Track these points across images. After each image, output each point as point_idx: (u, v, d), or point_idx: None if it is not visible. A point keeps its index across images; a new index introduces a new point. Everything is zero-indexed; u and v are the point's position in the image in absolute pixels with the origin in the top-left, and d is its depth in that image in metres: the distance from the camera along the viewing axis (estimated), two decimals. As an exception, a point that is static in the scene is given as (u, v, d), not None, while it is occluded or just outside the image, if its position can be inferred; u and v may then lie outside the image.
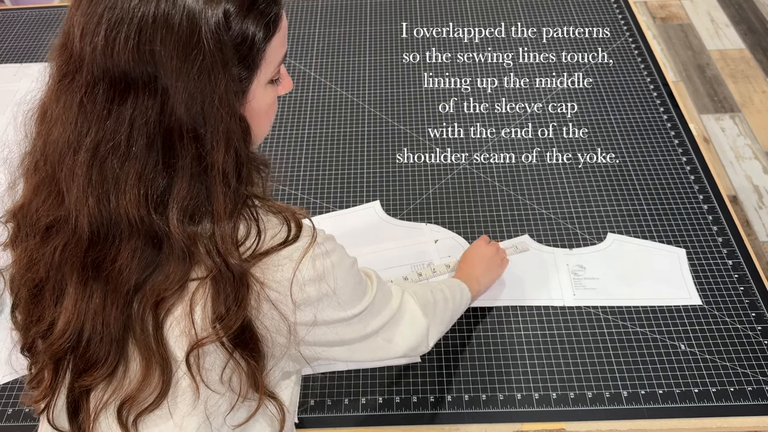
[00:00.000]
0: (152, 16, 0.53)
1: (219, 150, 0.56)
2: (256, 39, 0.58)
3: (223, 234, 0.57)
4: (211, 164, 0.56)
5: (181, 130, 0.55)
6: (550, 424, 0.90)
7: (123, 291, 0.57)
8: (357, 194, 1.22)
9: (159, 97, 0.54)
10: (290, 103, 1.41)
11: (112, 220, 0.56)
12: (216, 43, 0.54)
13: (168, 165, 0.55)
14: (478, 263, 1.01)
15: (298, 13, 1.65)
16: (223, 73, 0.55)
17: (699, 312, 1.02)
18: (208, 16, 0.54)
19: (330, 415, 0.92)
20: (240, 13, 0.56)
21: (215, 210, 0.57)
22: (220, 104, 0.56)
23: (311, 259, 0.61)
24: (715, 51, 2.55)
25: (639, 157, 1.26)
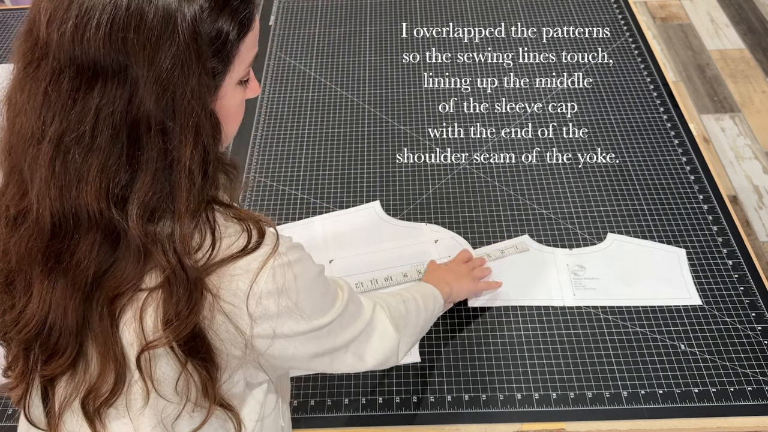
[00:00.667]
0: (126, 3, 0.52)
1: (187, 145, 0.55)
2: (230, 35, 0.57)
3: (182, 234, 0.56)
4: (177, 159, 0.55)
5: (149, 122, 0.53)
6: (550, 424, 0.90)
7: (81, 284, 0.56)
8: (357, 194, 1.22)
9: (128, 87, 0.52)
10: (290, 103, 1.41)
11: (73, 212, 0.55)
12: (191, 33, 0.53)
13: (132, 158, 0.54)
14: (445, 269, 1.02)
15: (298, 13, 1.65)
16: (197, 65, 0.54)
17: (699, 312, 1.02)
18: (184, 7, 0.53)
19: (330, 415, 0.92)
20: (216, 8, 0.56)
21: (177, 208, 0.55)
22: (192, 97, 0.54)
23: (271, 270, 0.59)
24: (715, 51, 2.55)
25: (639, 157, 1.26)
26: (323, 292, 0.66)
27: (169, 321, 0.56)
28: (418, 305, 0.84)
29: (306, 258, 0.64)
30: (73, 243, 0.56)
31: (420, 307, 0.84)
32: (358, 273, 1.09)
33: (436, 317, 0.91)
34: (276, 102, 1.41)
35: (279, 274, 0.59)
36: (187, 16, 0.53)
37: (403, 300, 0.82)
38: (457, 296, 0.99)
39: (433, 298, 0.90)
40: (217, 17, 0.55)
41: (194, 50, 0.54)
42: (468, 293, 1.02)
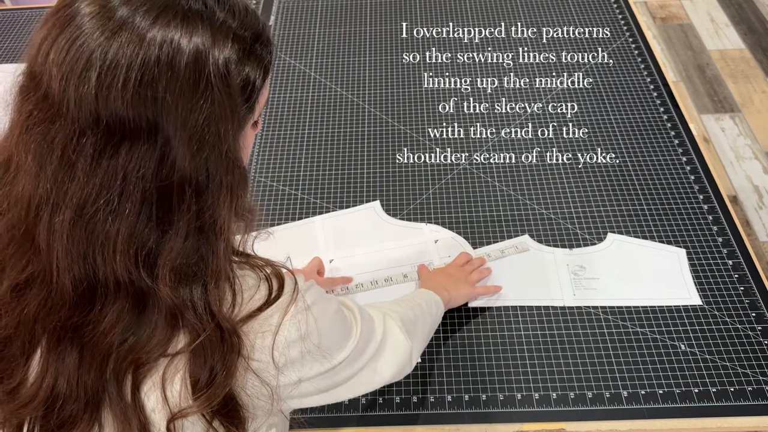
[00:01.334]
0: (155, 58, 0.48)
1: (224, 204, 0.52)
2: (255, 83, 0.55)
3: (217, 295, 0.53)
4: (213, 219, 0.52)
5: (182, 183, 0.50)
6: (550, 424, 0.90)
7: (100, 355, 0.52)
8: (357, 194, 1.22)
9: (159, 147, 0.49)
10: (290, 103, 1.41)
11: (99, 280, 0.51)
12: (224, 85, 0.51)
13: (163, 220, 0.51)
14: (442, 274, 1.01)
15: (298, 13, 1.65)
16: (231, 120, 0.52)
17: (699, 312, 1.02)
18: (216, 57, 0.50)
19: (330, 415, 0.92)
20: (243, 56, 0.53)
21: (213, 269, 0.52)
22: (227, 156, 0.51)
23: (292, 318, 0.57)
24: (715, 51, 2.55)
25: (639, 157, 1.26)
26: (341, 326, 0.64)
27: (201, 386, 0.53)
28: (423, 310, 0.84)
29: (322, 296, 0.62)
30: (97, 313, 0.52)
31: (425, 312, 0.84)
32: (357, 273, 1.08)
33: (439, 320, 0.91)
34: (276, 102, 1.41)
35: (301, 321, 0.58)
36: (221, 68, 0.51)
37: (410, 306, 0.82)
38: (455, 302, 0.99)
39: (435, 303, 0.90)
40: (245, 64, 0.53)
41: (228, 104, 0.51)
42: (466, 298, 1.01)
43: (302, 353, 0.58)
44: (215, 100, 0.50)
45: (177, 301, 0.52)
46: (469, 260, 1.06)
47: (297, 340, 0.57)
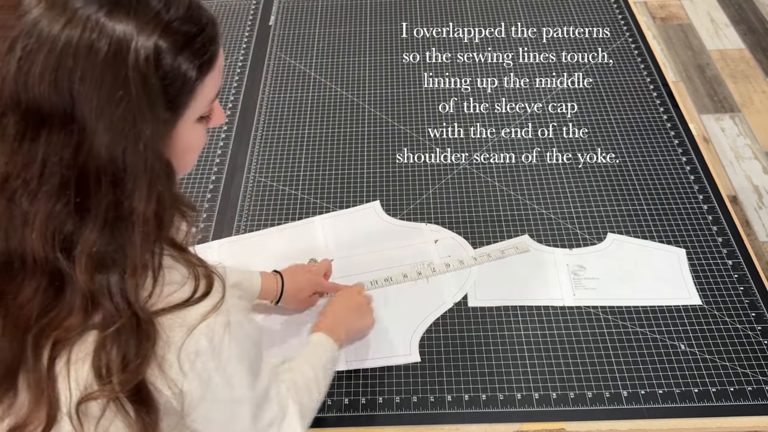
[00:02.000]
0: (74, 46, 0.48)
1: (141, 196, 0.52)
2: (189, 79, 0.54)
3: (134, 284, 0.53)
4: (130, 211, 0.52)
5: (99, 172, 0.50)
6: (550, 424, 0.90)
7: (21, 326, 0.54)
8: (357, 194, 1.22)
9: (76, 136, 0.49)
10: (290, 103, 1.41)
11: (17, 255, 0.52)
12: (143, 81, 0.50)
13: (82, 207, 0.51)
14: (350, 311, 0.96)
15: (298, 13, 1.65)
16: (150, 116, 0.51)
17: (699, 312, 1.02)
18: (138, 49, 0.50)
19: (330, 414, 0.92)
20: (173, 50, 0.52)
21: (130, 259, 0.53)
22: (145, 149, 0.51)
23: (208, 326, 0.56)
24: (715, 51, 2.55)
25: (639, 157, 1.26)
26: (253, 360, 0.63)
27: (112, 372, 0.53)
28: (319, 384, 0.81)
29: (246, 321, 0.61)
30: (17, 285, 0.53)
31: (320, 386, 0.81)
32: (357, 273, 1.08)
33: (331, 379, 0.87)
34: (276, 102, 1.41)
35: (216, 334, 0.57)
36: (141, 61, 0.50)
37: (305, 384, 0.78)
38: (350, 339, 0.97)
39: (332, 362, 0.86)
40: (174, 59, 0.52)
41: (146, 101, 0.51)
42: (360, 333, 0.99)
43: (208, 368, 0.57)
44: (133, 93, 0.50)
45: (93, 287, 0.52)
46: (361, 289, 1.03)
47: (207, 352, 0.57)
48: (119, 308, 0.53)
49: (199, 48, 0.54)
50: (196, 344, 0.56)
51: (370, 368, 0.97)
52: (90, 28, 0.49)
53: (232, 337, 0.59)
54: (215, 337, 0.57)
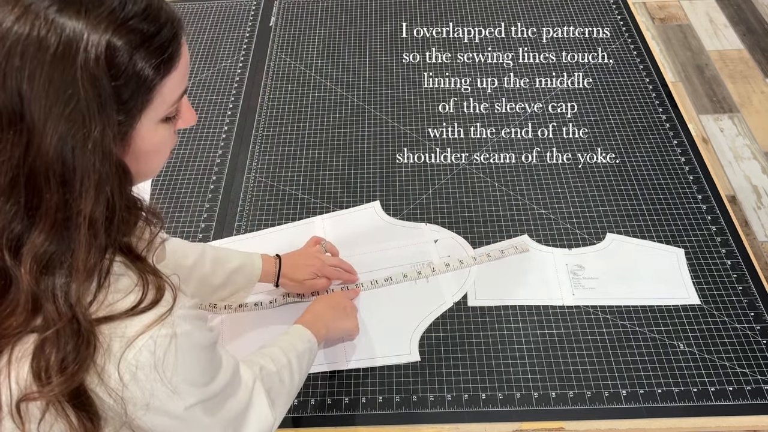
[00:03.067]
0: (22, 43, 0.47)
1: (88, 197, 0.51)
2: (145, 79, 0.53)
3: (78, 287, 0.52)
4: (77, 212, 0.51)
5: (47, 173, 0.50)
6: (550, 423, 0.91)
7: None
8: (357, 194, 1.22)
9: (25, 135, 0.49)
10: (290, 104, 1.41)
11: None
12: (92, 82, 0.49)
13: (30, 207, 0.51)
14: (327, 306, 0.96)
15: (299, 14, 1.65)
16: (99, 117, 0.50)
17: (698, 311, 1.02)
18: (88, 48, 0.49)
19: (330, 414, 0.92)
20: (127, 49, 0.51)
21: (75, 260, 0.52)
22: (94, 150, 0.50)
23: (151, 338, 0.55)
24: (714, 51, 2.55)
25: (638, 157, 1.27)
26: (205, 366, 0.61)
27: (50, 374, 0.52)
28: (292, 371, 0.80)
29: (196, 331, 0.60)
30: None
31: (293, 373, 0.80)
32: (358, 273, 1.09)
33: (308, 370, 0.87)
34: (276, 102, 1.41)
35: (159, 346, 0.55)
36: (91, 61, 0.49)
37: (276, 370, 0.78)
38: (332, 336, 0.96)
39: (309, 353, 0.86)
40: (130, 59, 0.51)
41: (96, 102, 0.50)
42: (344, 332, 0.98)
43: (150, 380, 0.56)
44: (82, 94, 0.49)
45: (36, 289, 0.52)
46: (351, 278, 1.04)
47: (148, 364, 0.55)
48: (60, 311, 0.52)
49: (157, 47, 0.53)
50: (137, 356, 0.55)
51: (370, 367, 0.97)
52: (40, 24, 0.48)
53: (179, 349, 0.57)
54: (158, 350, 0.55)
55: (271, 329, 1.02)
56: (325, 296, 1.01)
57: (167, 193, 1.23)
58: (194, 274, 0.93)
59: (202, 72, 1.49)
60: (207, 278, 0.94)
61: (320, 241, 1.09)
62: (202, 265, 0.93)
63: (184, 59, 0.57)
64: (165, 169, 1.28)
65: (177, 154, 1.31)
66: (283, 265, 1.01)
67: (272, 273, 1.00)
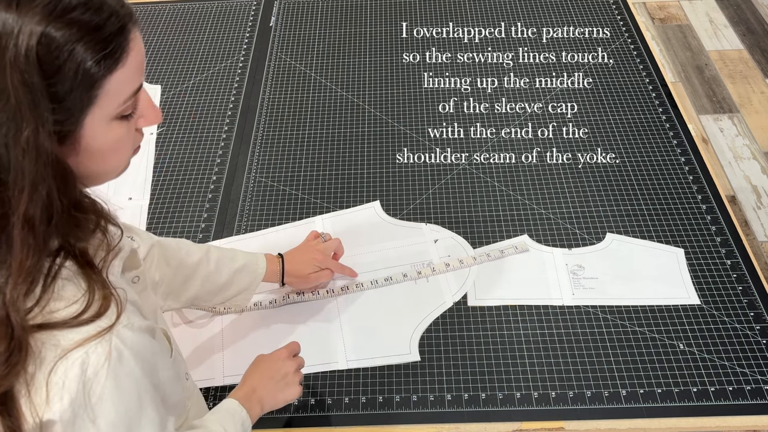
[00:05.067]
0: None
1: (22, 196, 0.49)
2: (86, 75, 0.50)
3: (13, 288, 0.50)
4: (12, 210, 0.49)
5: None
6: (549, 423, 0.91)
7: None
8: (357, 194, 1.22)
9: None
10: (290, 104, 1.41)
11: None
12: (22, 79, 0.47)
13: None
14: (272, 381, 0.84)
15: (299, 14, 1.65)
16: (31, 115, 0.48)
17: (697, 311, 1.02)
18: (18, 43, 0.46)
19: (330, 414, 0.92)
20: (64, 43, 0.48)
21: (12, 261, 0.50)
22: (27, 149, 0.48)
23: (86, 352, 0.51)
24: (714, 52, 2.56)
25: (638, 157, 1.27)
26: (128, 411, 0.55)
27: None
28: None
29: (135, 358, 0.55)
30: None
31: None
32: (358, 273, 1.09)
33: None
34: (276, 102, 1.41)
35: (92, 364, 0.52)
36: (21, 53, 0.47)
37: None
38: (268, 409, 0.84)
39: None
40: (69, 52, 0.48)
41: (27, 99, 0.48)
42: (284, 403, 0.86)
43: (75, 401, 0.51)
44: (11, 91, 0.47)
45: None
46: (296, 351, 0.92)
47: (76, 382, 0.51)
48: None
49: (99, 41, 0.50)
50: (67, 370, 0.51)
51: (370, 367, 0.97)
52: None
53: (111, 373, 0.53)
54: (90, 368, 0.52)
55: (272, 329, 1.02)
56: (264, 362, 0.87)
57: (167, 193, 1.23)
58: (199, 273, 0.93)
59: (202, 72, 1.49)
60: (211, 276, 0.94)
61: (319, 234, 1.09)
62: (206, 264, 0.94)
63: (136, 54, 0.54)
64: (165, 169, 1.28)
65: (177, 154, 1.31)
66: (287, 262, 1.01)
67: (276, 272, 1.00)
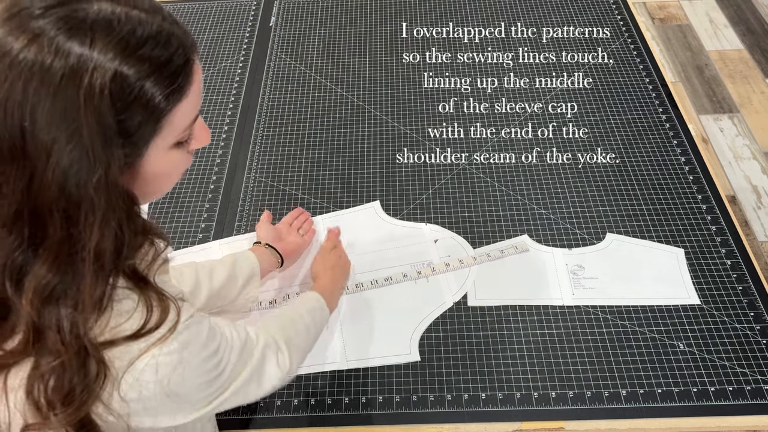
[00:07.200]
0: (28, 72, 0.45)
1: (93, 232, 0.50)
2: (154, 109, 0.51)
3: (84, 319, 0.51)
4: (82, 246, 0.50)
5: (51, 208, 0.48)
6: (549, 423, 0.91)
7: None
8: (357, 194, 1.22)
9: (28, 169, 0.47)
10: (290, 104, 1.41)
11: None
12: (96, 117, 0.47)
13: (35, 239, 0.50)
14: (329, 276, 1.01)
15: (299, 13, 1.65)
16: (103, 152, 0.48)
17: (697, 311, 1.02)
18: (92, 82, 0.46)
19: (330, 413, 0.92)
20: (136, 79, 0.48)
21: (81, 294, 0.51)
22: (98, 186, 0.49)
23: (153, 357, 0.54)
24: (714, 52, 2.56)
25: (638, 157, 1.27)
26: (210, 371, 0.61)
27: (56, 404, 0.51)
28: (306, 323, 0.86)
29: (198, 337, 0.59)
30: None
31: (308, 325, 0.86)
32: (357, 273, 1.09)
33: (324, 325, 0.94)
34: (276, 102, 1.41)
35: (161, 365, 0.55)
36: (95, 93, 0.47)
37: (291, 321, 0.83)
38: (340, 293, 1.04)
39: (321, 312, 0.92)
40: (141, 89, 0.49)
41: (102, 135, 0.48)
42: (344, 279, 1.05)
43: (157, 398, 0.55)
44: (86, 128, 0.47)
45: (39, 321, 0.50)
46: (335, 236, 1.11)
47: (152, 382, 0.54)
48: (65, 342, 0.51)
49: (167, 76, 0.51)
50: (139, 377, 0.54)
51: (370, 367, 0.97)
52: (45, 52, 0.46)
53: (185, 366, 0.56)
54: (161, 369, 0.55)
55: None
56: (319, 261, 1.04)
57: (167, 193, 1.23)
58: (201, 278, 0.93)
59: (202, 72, 1.49)
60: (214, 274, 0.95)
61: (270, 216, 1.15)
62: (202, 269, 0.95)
63: (197, 84, 0.55)
64: (165, 169, 1.28)
65: (177, 154, 1.31)
66: (271, 242, 1.05)
67: (268, 253, 1.03)
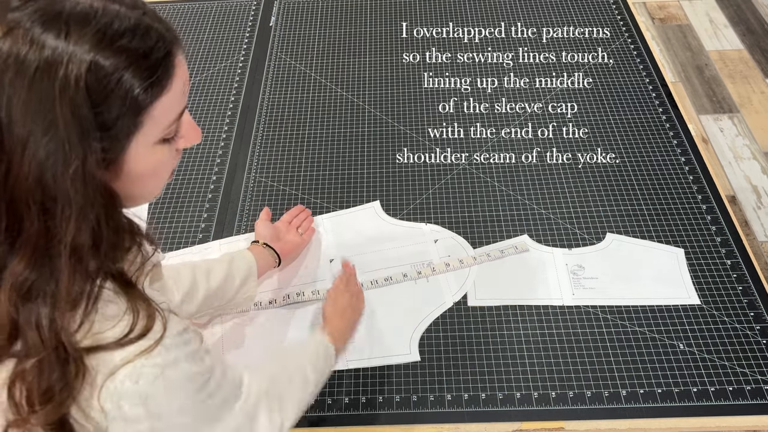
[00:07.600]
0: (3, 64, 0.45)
1: (70, 226, 0.49)
2: (133, 103, 0.50)
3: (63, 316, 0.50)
4: (59, 240, 0.49)
5: (27, 200, 0.48)
6: (549, 423, 0.91)
7: None
8: (357, 194, 1.22)
9: (4, 161, 0.47)
10: (290, 104, 1.41)
11: None
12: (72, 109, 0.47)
13: (12, 232, 0.49)
14: (339, 318, 0.93)
15: (299, 13, 1.65)
16: (80, 144, 0.48)
17: (698, 311, 1.02)
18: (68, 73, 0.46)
19: (330, 414, 0.92)
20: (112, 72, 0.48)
21: (59, 290, 0.50)
22: (74, 178, 0.48)
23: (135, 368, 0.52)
24: (714, 52, 2.56)
25: (638, 157, 1.27)
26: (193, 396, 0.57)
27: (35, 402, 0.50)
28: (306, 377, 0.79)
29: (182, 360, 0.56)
30: None
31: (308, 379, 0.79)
32: (357, 273, 1.09)
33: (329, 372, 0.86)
34: (276, 102, 1.41)
35: (145, 377, 0.53)
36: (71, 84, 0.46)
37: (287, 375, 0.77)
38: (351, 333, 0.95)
39: (325, 358, 0.84)
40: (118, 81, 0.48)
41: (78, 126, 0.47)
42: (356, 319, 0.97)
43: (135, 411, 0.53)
44: (60, 122, 0.47)
45: (16, 317, 0.50)
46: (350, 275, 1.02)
47: (131, 394, 0.52)
48: (44, 339, 0.50)
49: (145, 69, 0.50)
50: (118, 387, 0.52)
51: (370, 367, 0.97)
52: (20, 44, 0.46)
53: (167, 383, 0.54)
54: (142, 380, 0.53)
55: (271, 330, 1.02)
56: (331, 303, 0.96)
57: (167, 193, 1.23)
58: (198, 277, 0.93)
59: (202, 72, 1.49)
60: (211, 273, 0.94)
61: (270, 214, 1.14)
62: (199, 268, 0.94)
63: (180, 78, 0.54)
64: (165, 169, 1.28)
65: (177, 154, 1.31)
66: (269, 241, 1.04)
67: (266, 252, 1.02)
